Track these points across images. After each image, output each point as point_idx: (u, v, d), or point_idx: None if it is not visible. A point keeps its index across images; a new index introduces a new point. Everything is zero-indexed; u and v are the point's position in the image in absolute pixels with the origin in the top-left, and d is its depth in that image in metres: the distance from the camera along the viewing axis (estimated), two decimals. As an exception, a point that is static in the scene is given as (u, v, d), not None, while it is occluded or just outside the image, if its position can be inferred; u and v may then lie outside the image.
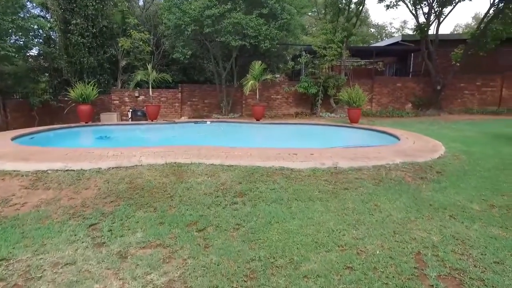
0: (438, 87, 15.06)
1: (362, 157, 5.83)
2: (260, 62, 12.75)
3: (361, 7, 14.91)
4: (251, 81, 12.38)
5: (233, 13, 12.81)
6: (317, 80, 14.88)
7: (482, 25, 14.04)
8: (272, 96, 15.99)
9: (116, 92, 15.48)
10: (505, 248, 3.11)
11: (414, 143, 7.32)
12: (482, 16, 14.04)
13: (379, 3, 16.15)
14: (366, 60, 16.86)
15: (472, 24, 42.94)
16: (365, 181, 4.86)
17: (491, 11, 13.95)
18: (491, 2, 13.91)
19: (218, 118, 14.22)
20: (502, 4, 13.33)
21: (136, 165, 5.16)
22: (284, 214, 3.82)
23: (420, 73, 17.48)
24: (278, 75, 24.75)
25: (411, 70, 19.01)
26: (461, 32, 31.00)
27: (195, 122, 12.75)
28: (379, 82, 16.45)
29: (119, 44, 14.83)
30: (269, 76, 13.19)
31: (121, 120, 14.46)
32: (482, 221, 3.69)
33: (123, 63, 15.67)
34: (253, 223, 3.59)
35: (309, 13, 28.65)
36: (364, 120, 13.30)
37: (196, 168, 5.16)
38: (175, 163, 5.35)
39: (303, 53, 15.51)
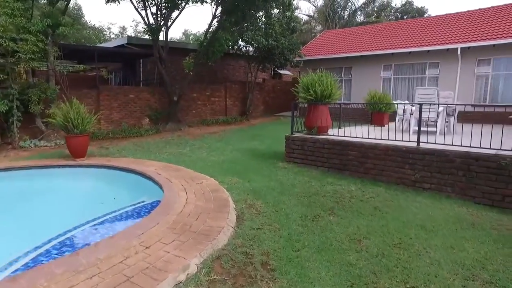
0: (175, 98, 13.53)
1: (122, 277, 2.47)
2: None
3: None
4: None
5: None
6: (7, 90, 9.38)
7: (209, 35, 13.66)
8: None
9: None
10: None
11: (187, 193, 4.71)
12: (190, 33, 13.63)
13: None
14: (87, 65, 12.75)
15: (183, 39, 47.09)
16: None
17: (214, 22, 13.80)
18: (213, 14, 13.74)
19: None
20: (224, 16, 13.34)
21: None
22: None
23: (152, 82, 15.47)
24: None
25: (141, 79, 16.65)
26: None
27: None
28: (107, 93, 12.93)
29: None
30: None
31: None
32: None
33: None
34: None
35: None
36: (94, 146, 9.52)
37: None
38: None
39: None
